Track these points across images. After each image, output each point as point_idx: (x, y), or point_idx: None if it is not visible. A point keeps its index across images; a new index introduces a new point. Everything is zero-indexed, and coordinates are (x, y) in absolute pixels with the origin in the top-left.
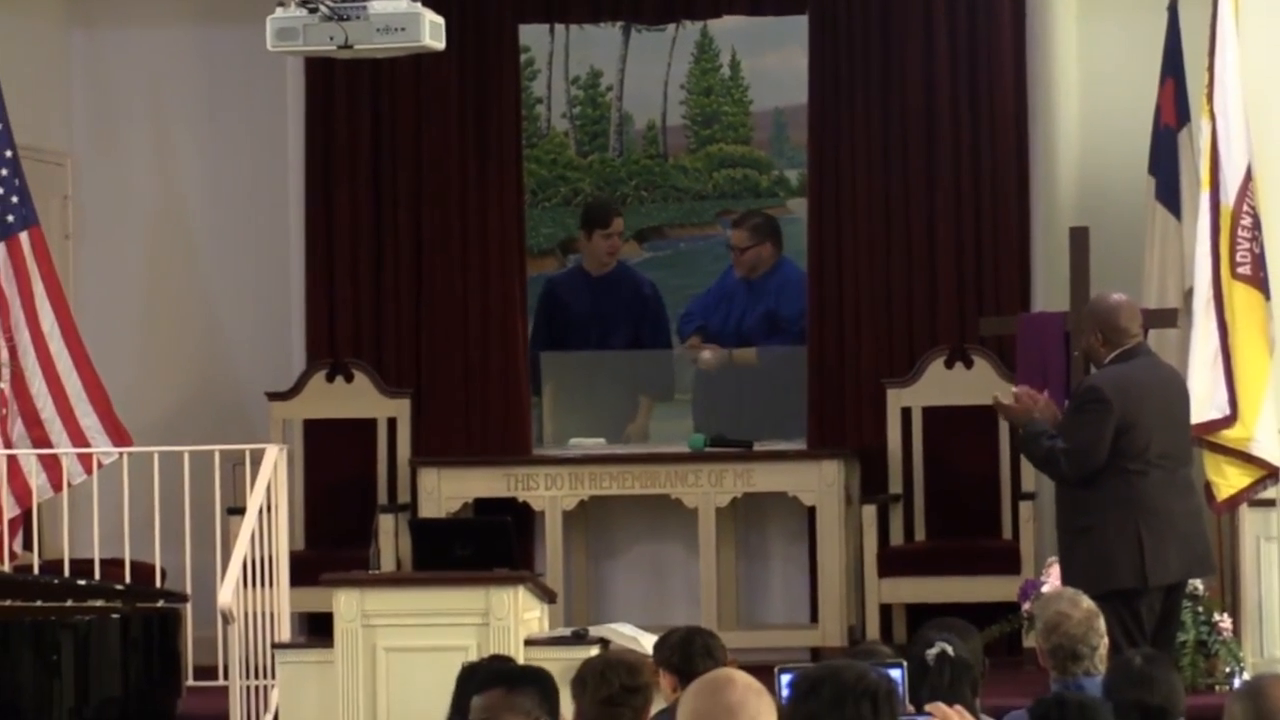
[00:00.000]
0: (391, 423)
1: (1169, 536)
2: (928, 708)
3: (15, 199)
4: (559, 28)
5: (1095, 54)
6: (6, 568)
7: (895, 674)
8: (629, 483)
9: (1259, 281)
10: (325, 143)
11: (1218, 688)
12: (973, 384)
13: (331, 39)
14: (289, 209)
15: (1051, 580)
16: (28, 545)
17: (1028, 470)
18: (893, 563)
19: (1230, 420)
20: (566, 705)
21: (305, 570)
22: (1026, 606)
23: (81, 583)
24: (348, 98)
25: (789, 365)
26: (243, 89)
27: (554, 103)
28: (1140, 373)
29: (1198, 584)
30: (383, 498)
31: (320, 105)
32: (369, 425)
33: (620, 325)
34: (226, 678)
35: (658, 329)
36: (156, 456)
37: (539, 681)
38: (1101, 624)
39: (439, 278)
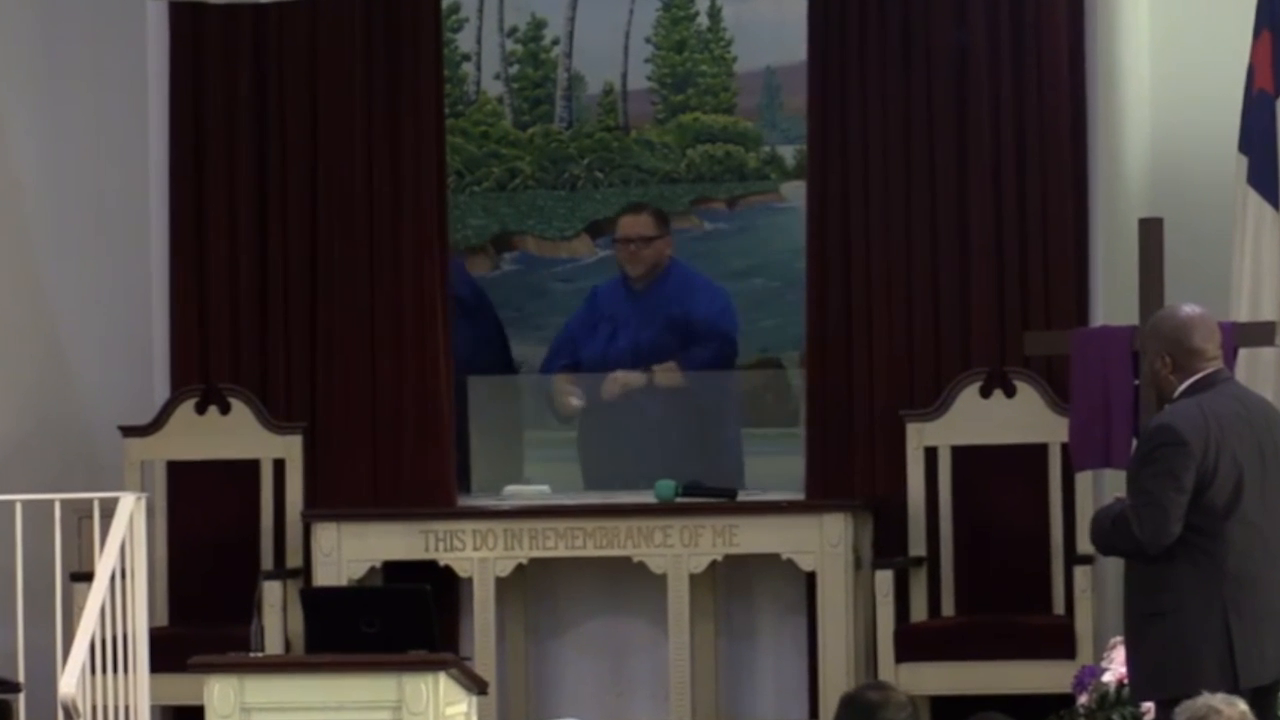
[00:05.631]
0: (279, 465)
1: (1265, 621)
2: None
3: None
4: None
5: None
6: None
7: None
8: (580, 542)
9: None
10: (195, 112)
11: None
12: (1015, 417)
13: None
14: (150, 196)
15: (1115, 665)
16: None
17: (1086, 525)
18: (914, 643)
19: None
20: None
21: (169, 652)
22: (1083, 700)
23: None
24: (223, 55)
25: (771, 387)
26: (91, 43)
27: (485, 61)
28: (1222, 405)
29: None
30: (267, 561)
31: (189, 64)
32: (250, 468)
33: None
34: None
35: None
36: None
37: None
38: None
39: (339, 283)
